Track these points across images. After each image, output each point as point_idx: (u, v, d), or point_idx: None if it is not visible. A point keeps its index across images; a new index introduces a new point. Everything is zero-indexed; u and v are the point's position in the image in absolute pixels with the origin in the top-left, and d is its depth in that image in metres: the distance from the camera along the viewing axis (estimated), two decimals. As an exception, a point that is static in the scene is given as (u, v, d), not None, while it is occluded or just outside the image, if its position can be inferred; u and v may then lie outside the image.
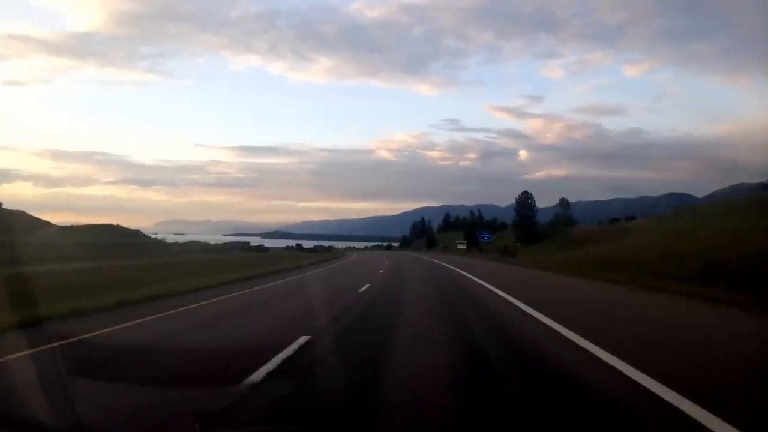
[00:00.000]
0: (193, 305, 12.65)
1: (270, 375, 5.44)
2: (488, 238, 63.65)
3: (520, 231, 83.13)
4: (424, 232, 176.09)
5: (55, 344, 7.17)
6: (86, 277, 19.93)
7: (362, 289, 16.63)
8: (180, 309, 11.90)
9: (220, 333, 8.99)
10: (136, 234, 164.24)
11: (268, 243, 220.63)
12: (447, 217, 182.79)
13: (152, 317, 10.48)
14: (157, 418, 4.27)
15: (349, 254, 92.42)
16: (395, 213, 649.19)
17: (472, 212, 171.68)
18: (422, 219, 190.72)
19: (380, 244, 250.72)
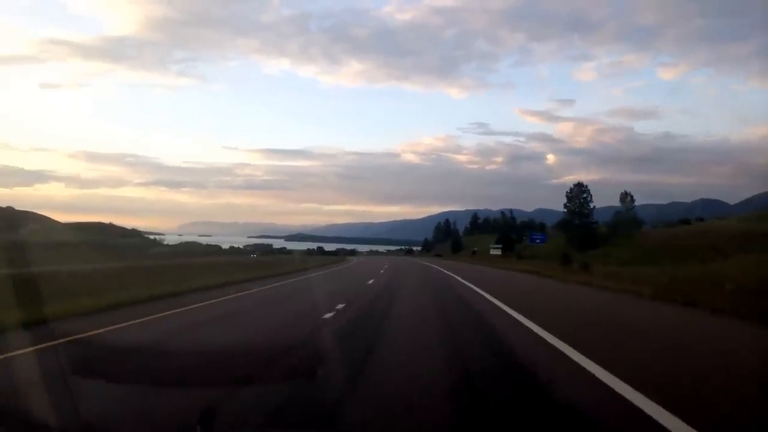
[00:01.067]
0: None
1: None
2: (541, 240, 46.57)
3: (572, 233, 65.31)
4: (449, 235, 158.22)
5: None
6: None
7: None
8: None
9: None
10: (132, 234, 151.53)
11: (292, 245, 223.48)
12: (475, 218, 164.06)
13: None
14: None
15: (350, 260, 78.92)
16: (421, 216, 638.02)
17: (503, 213, 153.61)
18: (447, 221, 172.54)
19: (402, 248, 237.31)
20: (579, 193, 66.40)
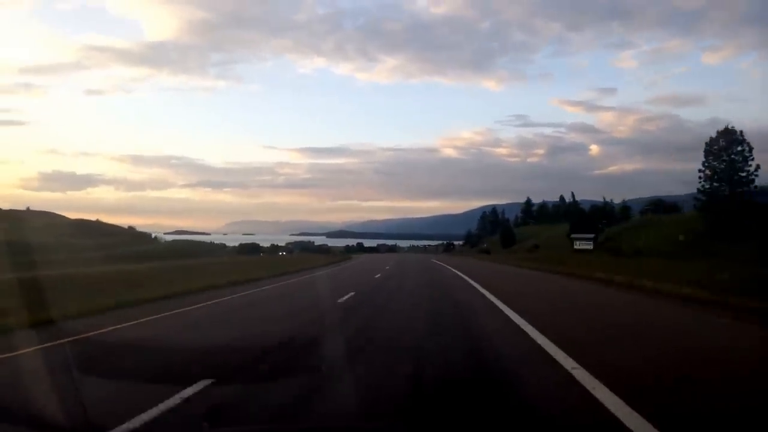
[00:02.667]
0: None
1: None
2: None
3: (714, 211, 39.19)
4: (496, 226, 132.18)
5: None
6: None
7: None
8: None
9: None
10: (119, 231, 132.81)
11: (333, 242, 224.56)
12: (528, 205, 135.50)
13: None
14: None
15: (356, 258, 68.55)
16: (460, 211, 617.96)
17: (562, 199, 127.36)
18: (493, 209, 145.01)
19: (442, 242, 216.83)
20: (729, 145, 39.91)
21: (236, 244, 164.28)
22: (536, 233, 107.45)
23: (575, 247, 54.04)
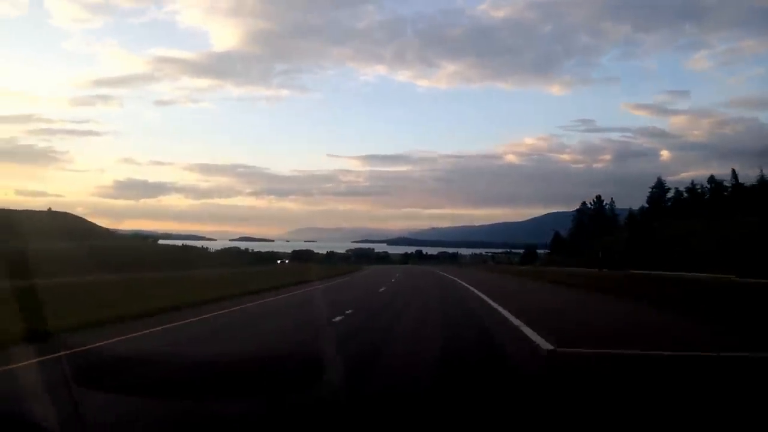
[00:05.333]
0: None
1: None
2: None
3: None
4: (603, 223, 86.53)
5: None
6: None
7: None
8: None
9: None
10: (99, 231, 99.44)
11: (393, 250, 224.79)
12: (661, 189, 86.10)
13: None
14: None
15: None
16: (522, 219, 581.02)
17: (713, 178, 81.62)
18: (598, 198, 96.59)
19: (508, 251, 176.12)
20: None
21: (290, 251, 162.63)
22: (692, 231, 61.82)
23: None
